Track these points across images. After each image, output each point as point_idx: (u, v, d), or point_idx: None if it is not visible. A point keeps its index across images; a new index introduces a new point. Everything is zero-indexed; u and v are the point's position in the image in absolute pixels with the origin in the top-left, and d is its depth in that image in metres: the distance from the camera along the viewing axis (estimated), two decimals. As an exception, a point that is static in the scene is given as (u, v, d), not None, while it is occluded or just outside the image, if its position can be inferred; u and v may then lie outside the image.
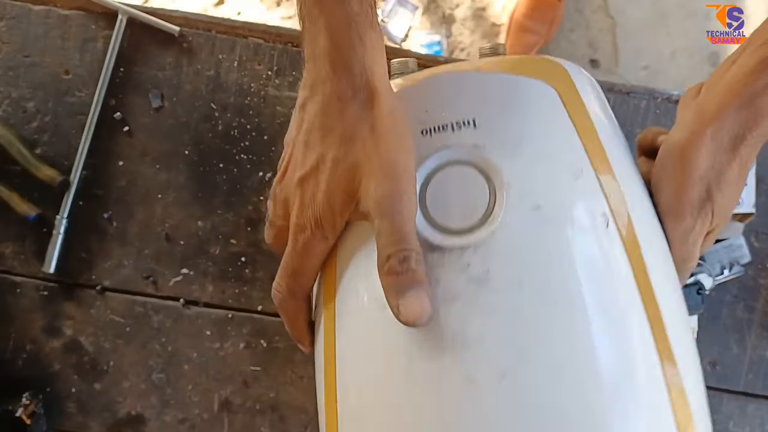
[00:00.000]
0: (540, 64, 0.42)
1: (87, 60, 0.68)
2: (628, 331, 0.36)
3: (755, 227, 0.69)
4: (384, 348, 0.38)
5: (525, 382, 0.34)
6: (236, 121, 0.68)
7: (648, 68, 1.48)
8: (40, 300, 0.69)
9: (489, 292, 0.35)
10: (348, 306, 0.41)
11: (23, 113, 0.69)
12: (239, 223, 0.68)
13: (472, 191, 0.38)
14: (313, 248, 0.41)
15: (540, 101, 0.40)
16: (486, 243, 0.36)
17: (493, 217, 0.37)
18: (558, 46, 1.47)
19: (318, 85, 0.40)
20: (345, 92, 0.39)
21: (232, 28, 0.68)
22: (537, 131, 0.39)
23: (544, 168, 0.38)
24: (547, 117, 0.40)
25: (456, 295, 0.36)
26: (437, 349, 0.35)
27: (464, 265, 0.36)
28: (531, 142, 0.38)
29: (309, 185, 0.40)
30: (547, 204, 0.37)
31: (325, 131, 0.40)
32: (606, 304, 0.36)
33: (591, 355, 0.34)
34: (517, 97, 0.40)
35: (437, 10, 1.49)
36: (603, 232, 0.37)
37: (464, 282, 0.36)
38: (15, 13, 0.68)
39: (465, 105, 0.39)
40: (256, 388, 0.69)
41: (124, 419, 0.70)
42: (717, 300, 0.69)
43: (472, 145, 0.38)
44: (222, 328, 0.69)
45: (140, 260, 0.69)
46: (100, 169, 0.69)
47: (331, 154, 0.39)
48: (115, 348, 0.69)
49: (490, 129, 0.38)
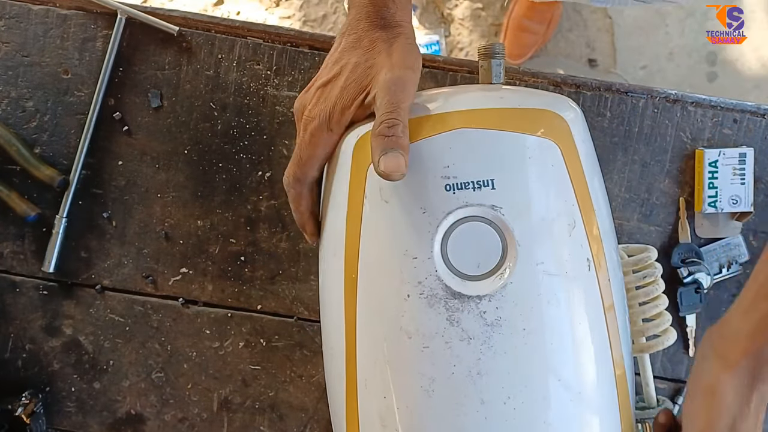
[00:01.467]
0: (547, 119, 0.47)
1: (86, 59, 0.68)
2: (597, 357, 0.46)
3: (753, 226, 0.69)
4: (409, 373, 0.45)
5: (524, 404, 0.44)
6: (235, 120, 0.68)
7: (646, 68, 1.48)
8: (40, 299, 0.69)
9: (499, 335, 0.44)
10: (370, 337, 0.46)
11: (22, 113, 0.69)
12: (238, 222, 0.69)
13: (488, 245, 0.45)
14: (318, 138, 0.47)
15: (547, 161, 0.46)
16: (499, 294, 0.44)
17: (504, 270, 0.44)
18: (556, 46, 1.47)
19: (353, 24, 0.49)
20: (375, 28, 0.48)
21: (231, 27, 0.68)
22: (544, 193, 0.46)
23: (548, 227, 0.45)
24: (552, 178, 0.46)
25: (473, 335, 0.44)
26: (457, 377, 0.44)
27: (481, 311, 0.44)
28: (539, 204, 0.45)
29: (327, 88, 0.47)
30: (548, 259, 0.45)
31: (353, 48, 0.48)
32: (584, 337, 0.46)
33: (572, 379, 0.45)
34: (530, 160, 0.46)
35: (436, 9, 1.49)
36: (586, 275, 0.46)
37: (480, 326, 0.44)
38: (14, 13, 0.68)
39: (485, 166, 0.45)
40: (255, 387, 0.69)
41: (123, 418, 0.70)
42: (715, 299, 0.69)
43: (491, 206, 0.44)
44: (221, 327, 0.69)
45: (140, 260, 0.69)
46: (100, 169, 0.69)
47: (353, 60, 0.47)
48: (114, 347, 0.69)
49: (507, 192, 0.45)
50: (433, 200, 0.44)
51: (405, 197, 0.45)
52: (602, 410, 0.47)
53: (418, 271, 0.44)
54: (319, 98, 0.47)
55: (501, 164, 0.45)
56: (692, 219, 0.68)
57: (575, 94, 0.68)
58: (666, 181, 0.68)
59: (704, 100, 0.68)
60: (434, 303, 0.44)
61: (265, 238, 0.68)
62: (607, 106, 0.68)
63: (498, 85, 0.53)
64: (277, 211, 0.68)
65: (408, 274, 0.44)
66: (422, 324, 0.44)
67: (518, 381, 0.44)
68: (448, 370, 0.44)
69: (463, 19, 1.49)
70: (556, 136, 0.46)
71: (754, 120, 0.68)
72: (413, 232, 0.44)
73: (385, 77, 0.45)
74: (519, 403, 0.44)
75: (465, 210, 0.44)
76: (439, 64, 0.68)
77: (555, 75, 0.69)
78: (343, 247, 0.46)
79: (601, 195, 0.49)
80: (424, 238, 0.44)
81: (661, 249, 0.67)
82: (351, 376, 0.46)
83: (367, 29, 0.48)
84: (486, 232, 0.45)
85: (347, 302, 0.46)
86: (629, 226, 0.68)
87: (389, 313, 0.45)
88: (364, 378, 0.46)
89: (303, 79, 0.68)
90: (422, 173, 0.45)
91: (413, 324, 0.44)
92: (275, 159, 0.68)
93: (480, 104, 0.47)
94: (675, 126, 0.68)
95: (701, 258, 0.67)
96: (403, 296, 0.44)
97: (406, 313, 0.44)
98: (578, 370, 0.46)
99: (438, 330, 0.44)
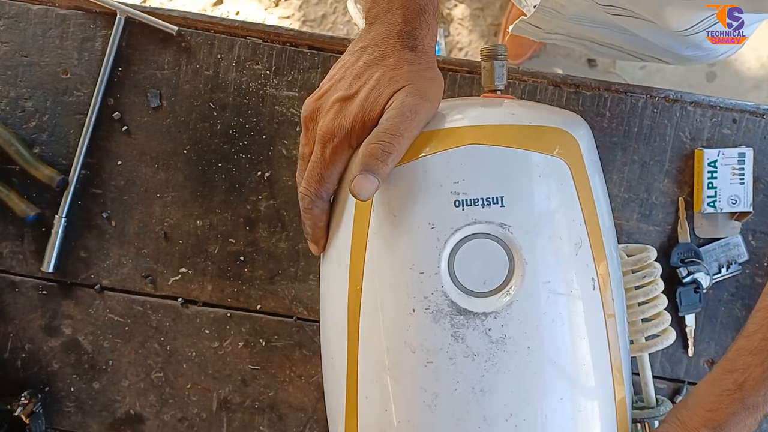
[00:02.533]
0: (558, 137, 0.47)
1: (85, 59, 0.68)
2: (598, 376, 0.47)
3: (752, 226, 0.69)
4: (412, 387, 0.44)
5: (526, 421, 0.44)
6: (235, 120, 0.68)
7: (645, 68, 1.48)
8: (39, 299, 0.69)
9: (504, 353, 0.44)
10: (372, 350, 0.46)
11: (21, 113, 0.69)
12: (238, 222, 0.69)
13: (495, 263, 0.45)
14: (340, 155, 0.46)
15: (556, 180, 0.46)
16: (504, 312, 0.44)
17: (510, 288, 0.44)
18: (555, 46, 1.47)
19: (379, 40, 0.47)
20: (405, 49, 0.47)
21: (230, 27, 0.68)
22: (552, 212, 0.46)
23: (555, 246, 0.45)
24: (561, 196, 0.46)
25: (478, 352, 0.44)
26: (460, 393, 0.44)
27: (486, 328, 0.44)
28: (547, 223, 0.45)
29: (347, 103, 0.46)
30: (554, 278, 0.45)
31: (377, 65, 0.46)
32: (586, 356, 0.46)
33: (574, 398, 0.46)
34: (539, 178, 0.46)
35: (435, 9, 1.49)
36: (590, 294, 0.46)
37: (485, 343, 0.44)
38: (13, 13, 0.68)
39: (494, 182, 0.45)
40: (254, 387, 0.69)
41: (122, 418, 0.70)
42: (715, 298, 0.69)
43: (499, 224, 0.44)
44: (221, 327, 0.69)
45: (139, 259, 0.69)
46: (99, 169, 0.69)
47: (377, 75, 0.46)
48: (113, 347, 0.69)
49: (516, 210, 0.45)
50: (441, 216, 0.44)
51: (413, 212, 0.45)
52: (603, 430, 0.47)
53: (425, 286, 0.44)
54: (338, 113, 0.46)
55: (510, 182, 0.45)
56: (691, 219, 0.68)
57: (574, 94, 0.68)
58: (665, 180, 0.68)
59: (703, 100, 0.68)
60: (440, 318, 0.44)
61: (265, 238, 0.68)
62: (607, 106, 0.68)
63: (510, 98, 0.53)
64: (277, 211, 0.68)
65: (414, 289, 0.44)
66: (427, 339, 0.44)
67: (521, 399, 0.44)
68: (451, 386, 0.44)
69: (463, 19, 1.49)
70: (566, 156, 0.46)
71: (753, 120, 0.68)
72: (421, 247, 0.44)
73: (404, 99, 0.44)
74: (521, 421, 0.44)
75: (473, 227, 0.44)
76: (439, 64, 0.68)
77: (554, 75, 0.69)
78: (348, 258, 0.46)
79: (607, 213, 0.49)
80: (432, 254, 0.44)
81: (660, 249, 0.67)
82: (351, 387, 0.46)
83: (396, 48, 0.47)
84: (494, 250, 0.45)
85: (350, 313, 0.46)
86: (629, 225, 0.68)
87: (393, 326, 0.45)
88: (365, 390, 0.46)
89: (302, 79, 0.68)
90: (432, 188, 0.45)
91: (417, 338, 0.44)
92: (275, 159, 0.68)
93: (492, 120, 0.47)
94: (674, 126, 0.68)
95: (700, 258, 0.67)
96: (408, 310, 0.44)
97: (411, 327, 0.44)
98: (580, 389, 0.46)
99: (443, 345, 0.44)
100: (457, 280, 0.45)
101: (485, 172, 0.45)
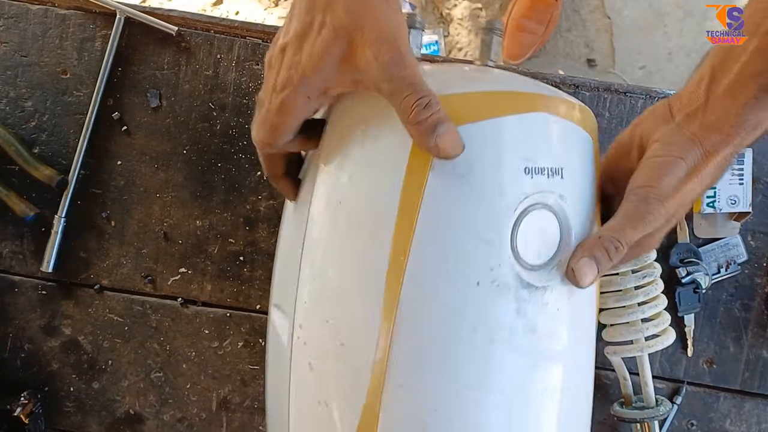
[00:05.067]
0: (591, 118, 0.49)
1: (85, 59, 0.68)
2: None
3: (751, 226, 0.69)
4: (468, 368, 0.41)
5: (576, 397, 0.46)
6: (234, 120, 0.68)
7: (645, 68, 1.49)
8: (39, 299, 0.69)
9: (562, 327, 0.44)
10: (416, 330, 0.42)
11: (21, 113, 0.69)
12: (237, 222, 0.69)
13: (548, 235, 0.44)
14: (292, 106, 0.42)
15: (592, 156, 0.47)
16: (559, 285, 0.43)
17: (559, 261, 0.44)
18: (555, 46, 1.48)
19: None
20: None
21: (230, 27, 0.68)
22: (589, 185, 0.47)
23: (588, 218, 0.46)
24: (593, 171, 0.47)
25: (536, 327, 0.42)
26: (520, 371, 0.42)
27: (544, 302, 0.43)
28: (590, 199, 0.46)
29: (290, 51, 0.41)
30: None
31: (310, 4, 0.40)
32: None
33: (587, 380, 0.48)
34: (586, 154, 0.47)
35: (435, 9, 1.49)
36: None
37: (545, 318, 0.43)
38: (13, 13, 0.68)
39: (558, 155, 0.44)
40: (254, 387, 0.69)
41: (122, 418, 0.70)
42: (714, 299, 0.69)
43: (559, 196, 0.44)
44: (220, 327, 0.69)
45: (138, 259, 0.69)
46: (99, 169, 0.69)
47: (318, 20, 0.40)
48: (113, 347, 0.69)
49: (572, 183, 0.45)
50: (512, 182, 0.41)
51: (482, 174, 0.41)
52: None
53: (491, 258, 0.41)
54: (285, 64, 0.42)
55: (570, 155, 0.45)
56: (691, 219, 0.68)
57: (574, 95, 0.68)
58: (665, 181, 0.68)
59: (703, 101, 0.68)
60: (505, 292, 0.41)
61: (264, 238, 0.68)
62: (606, 107, 0.68)
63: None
64: (276, 211, 0.68)
65: (479, 260, 0.41)
66: (490, 315, 0.41)
67: (575, 371, 0.45)
68: (512, 364, 0.41)
69: (462, 19, 1.49)
70: (593, 133, 0.48)
71: (753, 120, 0.68)
72: (489, 214, 0.41)
73: (380, 62, 0.39)
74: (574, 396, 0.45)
75: (538, 196, 0.42)
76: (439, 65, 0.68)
77: (554, 75, 0.69)
78: (392, 225, 0.40)
79: None
80: (500, 222, 0.41)
81: (659, 249, 0.67)
82: (378, 377, 0.41)
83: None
84: (548, 221, 0.43)
85: (389, 289, 0.41)
86: (628, 226, 0.68)
87: (450, 302, 0.41)
88: (398, 378, 0.41)
89: (302, 79, 0.68)
90: (505, 151, 0.42)
91: (480, 315, 0.41)
92: (274, 159, 0.68)
93: (555, 93, 0.47)
94: (674, 126, 0.68)
95: (700, 258, 0.67)
96: (472, 283, 0.40)
97: (473, 302, 0.41)
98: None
99: (506, 322, 0.41)
100: (518, 253, 0.42)
101: (553, 143, 0.44)
